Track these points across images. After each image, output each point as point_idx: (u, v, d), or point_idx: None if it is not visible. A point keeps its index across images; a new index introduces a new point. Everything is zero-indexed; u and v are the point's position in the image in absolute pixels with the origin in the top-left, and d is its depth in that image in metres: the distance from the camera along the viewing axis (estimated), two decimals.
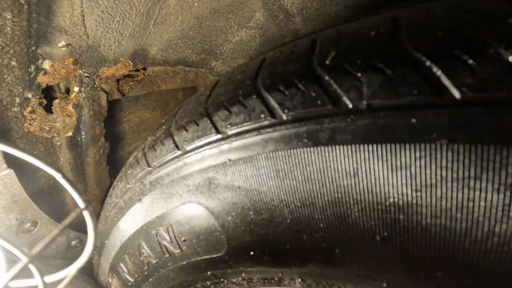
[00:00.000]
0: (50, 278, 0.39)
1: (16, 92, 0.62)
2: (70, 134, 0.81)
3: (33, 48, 0.60)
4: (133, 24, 0.75)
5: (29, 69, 0.61)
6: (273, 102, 0.30)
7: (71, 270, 0.37)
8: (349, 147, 0.25)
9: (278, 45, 0.39)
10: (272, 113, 0.29)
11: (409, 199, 0.22)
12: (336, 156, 0.26)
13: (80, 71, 0.74)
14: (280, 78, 0.30)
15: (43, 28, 0.58)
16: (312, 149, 0.27)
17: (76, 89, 0.77)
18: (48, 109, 0.73)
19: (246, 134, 0.31)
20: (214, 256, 0.39)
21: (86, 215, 0.31)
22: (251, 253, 0.35)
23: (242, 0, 0.89)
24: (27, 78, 0.62)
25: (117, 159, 1.24)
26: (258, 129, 0.30)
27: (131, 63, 0.87)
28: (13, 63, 0.57)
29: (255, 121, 0.31)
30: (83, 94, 0.79)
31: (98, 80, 0.81)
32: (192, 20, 0.88)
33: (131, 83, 0.93)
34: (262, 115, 0.30)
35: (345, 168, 0.25)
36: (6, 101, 0.61)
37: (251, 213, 0.32)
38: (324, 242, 0.28)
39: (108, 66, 0.81)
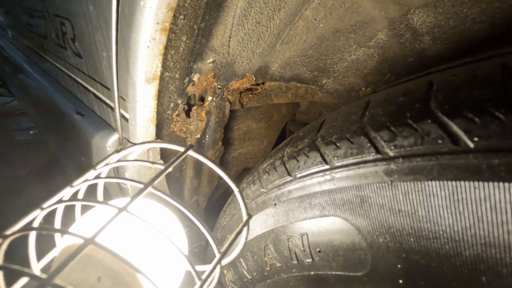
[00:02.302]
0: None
1: (172, 98, 0.76)
2: (198, 136, 0.95)
3: (191, 64, 0.73)
4: (265, 44, 0.83)
5: (184, 81, 0.75)
6: (456, 129, 0.28)
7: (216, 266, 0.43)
8: None
9: (445, 66, 0.38)
10: (454, 139, 0.28)
11: None
12: None
13: (215, 83, 0.87)
14: (466, 104, 0.29)
15: (201, 47, 0.71)
16: None
17: (210, 98, 0.89)
18: (187, 113, 0.87)
19: (418, 158, 0.31)
20: (351, 274, 0.39)
21: (246, 227, 0.36)
22: (400, 281, 0.34)
23: (366, 20, 0.89)
24: (181, 88, 0.76)
25: (223, 162, 1.38)
26: (433, 154, 0.30)
27: (254, 78, 0.96)
28: (177, 75, 0.71)
29: (430, 145, 0.30)
30: (214, 103, 0.91)
31: (226, 91, 0.93)
32: (314, 40, 0.92)
33: (250, 95, 1.02)
34: (440, 141, 0.29)
35: None
36: (165, 105, 0.76)
37: (412, 239, 0.31)
38: None
39: (236, 80, 0.92)
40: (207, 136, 0.99)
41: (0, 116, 3.66)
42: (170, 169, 0.37)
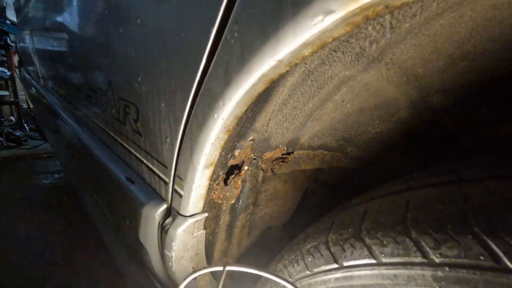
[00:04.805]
0: None
1: (216, 171, 0.84)
2: (233, 201, 1.01)
3: (236, 143, 0.82)
4: (298, 122, 0.93)
5: (228, 156, 0.84)
6: (495, 248, 0.33)
7: None
8: None
9: (476, 176, 0.43)
10: (495, 258, 0.33)
11: None
12: None
13: (252, 155, 0.95)
14: (501, 226, 0.34)
15: (245, 130, 0.81)
16: None
17: (246, 168, 0.97)
18: (225, 182, 0.95)
19: (463, 270, 0.35)
20: None
21: None
22: None
23: (389, 101, 0.99)
24: (224, 162, 0.85)
25: (250, 223, 1.41)
26: (476, 268, 0.34)
27: (285, 148, 1.05)
28: (223, 153, 0.80)
29: (473, 260, 0.35)
30: (249, 171, 0.99)
31: (260, 161, 1.01)
32: (341, 116, 1.02)
33: (281, 163, 1.10)
34: (482, 257, 0.34)
35: None
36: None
37: None
38: None
39: (269, 151, 1.01)
40: (240, 201, 1.05)
41: (30, 158, 3.86)
42: None
